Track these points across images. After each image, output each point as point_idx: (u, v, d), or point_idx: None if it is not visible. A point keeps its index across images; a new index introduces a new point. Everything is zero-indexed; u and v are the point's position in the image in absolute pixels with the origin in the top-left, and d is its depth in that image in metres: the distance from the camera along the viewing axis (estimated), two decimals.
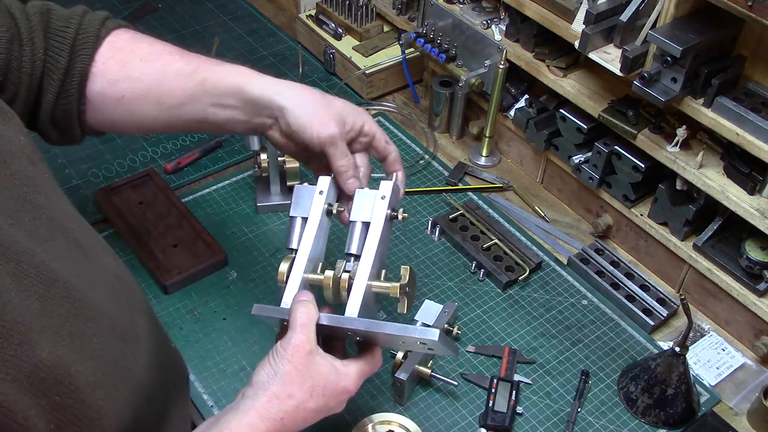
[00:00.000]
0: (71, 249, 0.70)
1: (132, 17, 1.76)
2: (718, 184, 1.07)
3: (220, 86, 0.89)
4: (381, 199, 0.87)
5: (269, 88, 0.88)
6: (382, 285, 0.85)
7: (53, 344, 0.61)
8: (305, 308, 0.79)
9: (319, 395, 0.75)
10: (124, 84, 0.88)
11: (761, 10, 0.87)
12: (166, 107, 0.90)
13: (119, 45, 0.90)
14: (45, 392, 0.59)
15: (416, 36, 1.42)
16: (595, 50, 1.09)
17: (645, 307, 1.17)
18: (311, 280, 0.86)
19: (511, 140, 1.42)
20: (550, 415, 1.05)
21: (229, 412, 0.74)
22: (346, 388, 0.78)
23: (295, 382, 0.74)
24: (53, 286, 0.63)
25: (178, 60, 0.91)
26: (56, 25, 0.87)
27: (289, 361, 0.74)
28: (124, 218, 1.24)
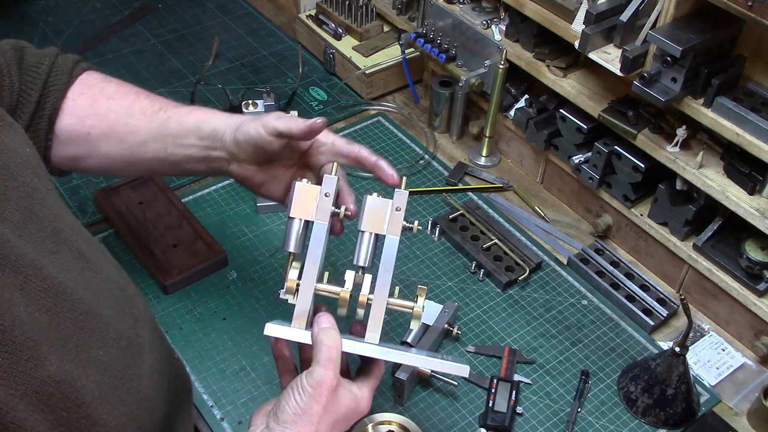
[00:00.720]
0: (76, 261, 0.70)
1: (132, 17, 1.76)
2: (718, 184, 1.07)
3: (182, 125, 0.93)
4: (396, 210, 0.82)
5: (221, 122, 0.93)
6: (401, 304, 0.81)
7: (60, 358, 0.61)
8: (331, 341, 0.77)
9: (341, 426, 0.77)
10: (91, 120, 0.91)
11: (761, 10, 0.87)
12: (129, 145, 0.92)
13: (90, 83, 0.93)
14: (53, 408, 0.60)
15: (416, 36, 1.42)
16: (595, 50, 1.09)
17: (645, 307, 1.17)
18: (324, 290, 0.82)
19: (511, 140, 1.42)
20: (550, 415, 1.05)
21: None
22: (363, 411, 0.80)
23: (322, 420, 0.75)
24: (60, 299, 0.63)
25: (144, 100, 0.94)
26: (30, 62, 0.89)
27: (317, 401, 0.74)
28: (124, 218, 1.24)
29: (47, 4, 1.78)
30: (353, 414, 0.78)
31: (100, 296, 0.71)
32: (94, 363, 0.66)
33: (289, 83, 1.59)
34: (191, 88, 1.54)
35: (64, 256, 0.68)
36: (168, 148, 0.93)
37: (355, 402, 0.78)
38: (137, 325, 0.76)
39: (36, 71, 0.89)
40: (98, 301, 0.70)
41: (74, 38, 1.68)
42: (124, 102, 0.93)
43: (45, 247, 0.66)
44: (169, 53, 1.66)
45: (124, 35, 1.71)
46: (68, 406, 0.61)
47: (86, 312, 0.66)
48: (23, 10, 1.76)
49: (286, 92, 1.56)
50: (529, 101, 1.35)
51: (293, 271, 0.80)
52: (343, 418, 0.77)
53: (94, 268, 0.72)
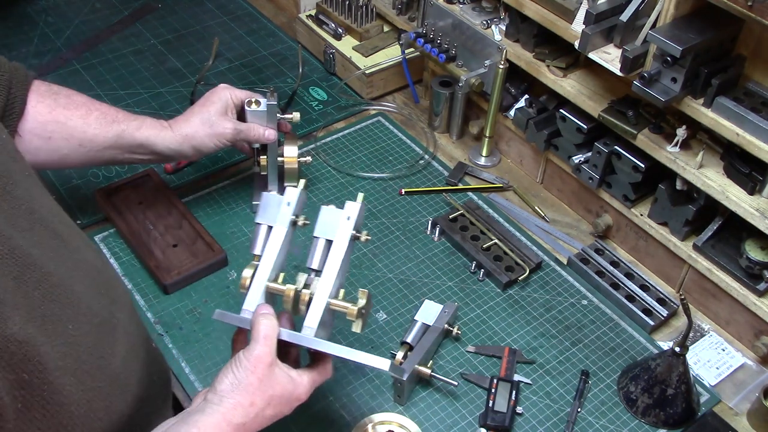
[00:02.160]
0: (51, 239, 0.72)
1: (132, 17, 1.76)
2: (718, 184, 1.07)
3: (136, 140, 1.09)
4: (346, 219, 0.90)
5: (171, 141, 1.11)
6: (340, 304, 0.88)
7: (25, 322, 0.63)
8: (268, 321, 0.83)
9: (276, 404, 0.80)
10: (52, 126, 1.03)
11: (761, 10, 0.87)
12: (87, 150, 1.07)
13: (42, 92, 1.04)
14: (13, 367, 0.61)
15: (416, 36, 1.42)
16: (595, 50, 1.09)
17: (645, 307, 1.17)
18: (273, 288, 0.89)
19: (511, 140, 1.42)
20: (550, 415, 1.05)
21: (194, 414, 0.77)
22: (300, 396, 0.83)
23: (257, 392, 0.78)
24: (29, 269, 0.65)
25: (95, 111, 1.07)
26: None
27: (252, 372, 0.78)
28: (124, 218, 1.24)
29: (47, 4, 1.78)
30: (290, 396, 0.82)
31: (74, 274, 0.73)
32: (62, 334, 0.67)
33: (289, 83, 1.59)
34: (191, 88, 1.54)
35: (39, 234, 0.70)
36: (124, 154, 1.11)
37: (293, 384, 0.82)
38: (112, 306, 0.79)
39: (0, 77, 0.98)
40: (71, 278, 0.72)
41: (74, 38, 1.68)
42: (79, 112, 1.06)
43: (17, 223, 0.68)
44: (169, 53, 1.66)
45: (124, 35, 1.71)
46: (29, 368, 0.63)
47: (57, 285, 0.68)
48: (23, 10, 1.76)
49: (286, 92, 1.56)
50: (529, 101, 1.35)
51: (248, 270, 0.89)
52: (279, 396, 0.80)
53: (70, 248, 0.75)
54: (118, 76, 1.59)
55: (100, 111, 1.08)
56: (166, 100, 1.52)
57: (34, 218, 0.71)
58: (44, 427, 0.65)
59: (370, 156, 1.43)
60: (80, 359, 0.70)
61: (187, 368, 1.07)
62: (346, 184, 1.37)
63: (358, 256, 1.24)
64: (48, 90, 1.05)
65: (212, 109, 1.13)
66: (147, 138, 1.09)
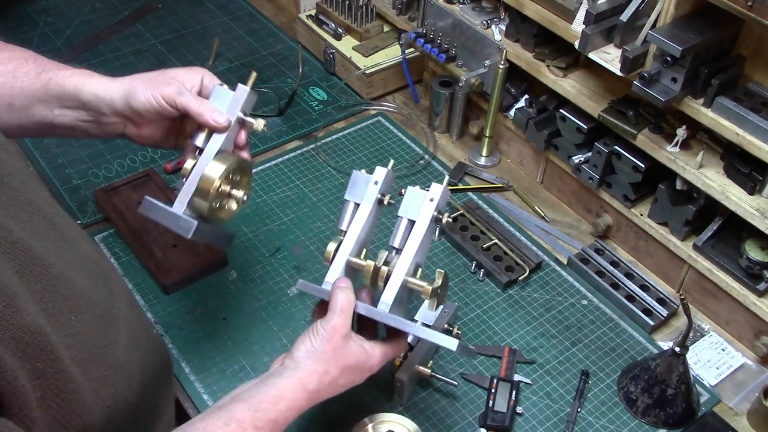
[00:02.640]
0: (50, 230, 0.72)
1: (132, 17, 1.76)
2: (718, 184, 1.07)
3: (63, 88, 0.91)
4: (430, 201, 0.92)
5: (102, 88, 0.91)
6: (416, 282, 0.90)
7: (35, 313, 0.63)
8: (345, 294, 0.86)
9: (349, 373, 0.84)
10: None
11: (761, 10, 0.87)
12: (17, 108, 0.92)
13: None
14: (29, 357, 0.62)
15: (416, 36, 1.42)
16: (595, 50, 1.09)
17: (645, 307, 1.17)
18: (353, 263, 0.91)
19: (511, 140, 1.42)
20: (550, 415, 1.05)
21: (272, 377, 0.81)
22: (372, 367, 0.87)
23: (331, 361, 0.82)
24: (30, 263, 0.65)
25: (30, 63, 0.93)
26: None
27: (328, 341, 0.82)
28: (124, 218, 1.24)
29: (47, 4, 1.78)
30: (362, 367, 0.85)
31: (73, 266, 0.73)
32: (66, 326, 0.68)
33: (289, 83, 1.59)
34: None
35: (38, 225, 0.70)
36: (54, 110, 0.93)
37: (365, 355, 0.85)
38: (112, 296, 0.79)
39: None
40: (71, 270, 0.72)
41: (74, 38, 1.68)
42: (10, 66, 0.92)
43: (17, 215, 0.67)
44: (169, 53, 1.66)
45: (124, 35, 1.71)
46: (43, 358, 0.63)
47: (58, 277, 0.68)
48: (23, 10, 1.76)
49: (286, 92, 1.56)
50: (529, 101, 1.35)
51: (332, 244, 0.91)
52: (353, 366, 0.84)
53: (68, 239, 0.75)
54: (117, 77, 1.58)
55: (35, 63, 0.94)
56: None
57: (32, 209, 0.71)
58: (59, 416, 0.66)
59: (370, 156, 1.43)
60: (84, 349, 0.70)
61: (187, 368, 1.07)
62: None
63: None
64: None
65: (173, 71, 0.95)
66: (76, 85, 0.92)
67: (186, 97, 0.90)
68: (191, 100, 0.90)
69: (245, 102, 0.94)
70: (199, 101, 0.91)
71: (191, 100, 0.90)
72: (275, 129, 1.47)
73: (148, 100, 0.90)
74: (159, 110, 0.90)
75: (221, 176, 0.90)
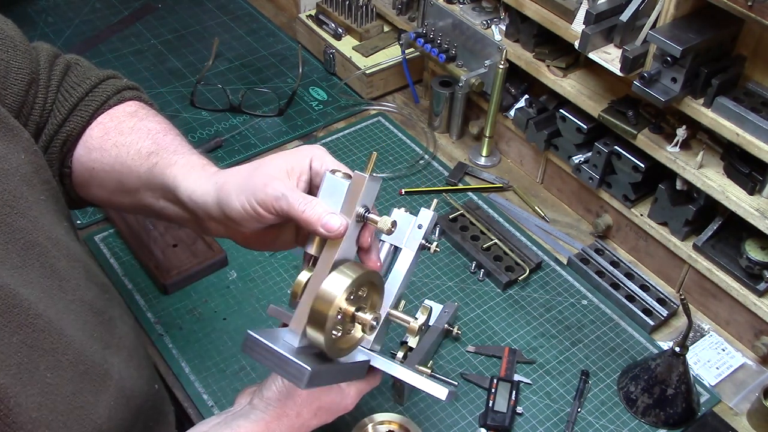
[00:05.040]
0: (45, 278, 0.66)
1: (132, 17, 1.76)
2: (718, 184, 1.07)
3: (165, 179, 0.78)
4: (418, 227, 0.82)
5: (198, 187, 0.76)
6: (401, 317, 0.81)
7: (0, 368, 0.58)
8: None
9: (322, 414, 0.78)
10: (96, 154, 0.81)
11: (761, 10, 0.87)
12: (127, 189, 0.81)
13: (116, 114, 0.82)
14: None
15: (416, 36, 1.42)
16: (595, 50, 1.09)
17: (645, 307, 1.17)
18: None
19: (511, 140, 1.42)
20: (550, 415, 1.05)
21: (238, 418, 0.75)
22: (347, 407, 0.80)
23: (304, 404, 0.76)
24: (12, 312, 0.60)
25: (148, 139, 0.80)
26: (72, 81, 0.81)
27: None
28: (124, 218, 1.24)
29: (47, 4, 1.78)
30: (337, 407, 0.79)
31: (65, 316, 0.66)
32: (38, 384, 0.62)
33: (289, 83, 1.59)
34: (191, 88, 1.54)
35: (32, 272, 0.64)
36: (159, 201, 0.80)
37: (340, 396, 0.79)
38: (106, 350, 0.72)
39: (71, 92, 0.80)
40: (61, 321, 0.65)
41: (74, 38, 1.68)
42: (131, 138, 0.80)
43: (8, 259, 0.62)
44: (169, 53, 1.66)
45: (124, 35, 1.71)
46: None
47: (42, 330, 0.63)
48: (23, 10, 1.76)
49: (286, 92, 1.56)
50: (529, 101, 1.35)
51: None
52: (327, 407, 0.78)
53: (66, 287, 0.68)
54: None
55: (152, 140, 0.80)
56: (166, 100, 1.52)
57: (31, 253, 0.65)
58: None
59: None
60: (57, 410, 0.64)
61: (187, 368, 1.07)
62: None
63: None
64: (127, 114, 0.83)
65: (275, 159, 0.75)
66: (174, 179, 0.77)
67: (286, 202, 0.71)
68: (293, 204, 0.70)
69: (366, 194, 0.72)
70: (304, 203, 0.70)
71: (293, 204, 0.70)
72: (275, 129, 1.47)
73: (243, 207, 0.72)
74: (257, 218, 0.72)
75: (343, 294, 0.69)
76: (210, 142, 1.41)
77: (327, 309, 0.68)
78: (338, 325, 0.71)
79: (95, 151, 0.81)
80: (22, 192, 0.66)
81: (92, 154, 0.81)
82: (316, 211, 0.70)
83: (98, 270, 0.78)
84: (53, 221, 0.70)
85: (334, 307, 0.68)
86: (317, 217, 0.70)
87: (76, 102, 0.80)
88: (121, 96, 0.83)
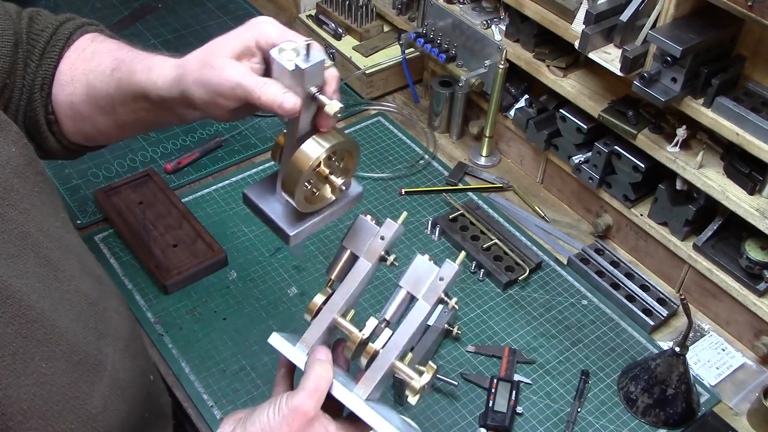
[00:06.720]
0: (40, 268, 0.66)
1: (132, 17, 1.76)
2: (718, 184, 1.07)
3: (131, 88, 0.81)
4: (439, 280, 0.77)
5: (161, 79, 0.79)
6: (406, 372, 0.76)
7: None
8: (323, 371, 0.72)
9: None
10: (69, 87, 0.84)
11: (761, 10, 0.87)
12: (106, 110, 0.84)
13: (79, 45, 0.85)
14: None
15: (416, 36, 1.42)
16: (595, 50, 1.09)
17: (645, 307, 1.17)
18: (340, 325, 0.78)
19: (511, 140, 1.42)
20: (550, 415, 1.05)
21: None
22: None
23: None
24: (5, 304, 0.61)
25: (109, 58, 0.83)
26: (35, 29, 0.84)
27: (288, 425, 0.69)
28: (124, 218, 1.24)
29: (47, 4, 1.78)
30: None
31: (59, 307, 0.67)
32: (33, 374, 0.62)
33: None
34: None
35: (26, 262, 0.65)
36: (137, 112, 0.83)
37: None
38: (100, 341, 0.72)
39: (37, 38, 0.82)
40: (55, 311, 0.66)
41: None
42: (95, 62, 0.83)
43: (4, 250, 0.63)
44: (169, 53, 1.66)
45: (124, 35, 1.70)
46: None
47: (35, 321, 0.63)
48: None
49: None
50: (529, 101, 1.35)
51: (320, 296, 0.78)
52: None
53: (60, 277, 0.68)
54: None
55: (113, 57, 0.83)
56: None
57: (25, 244, 0.65)
58: None
59: (370, 156, 1.43)
60: (51, 400, 0.64)
61: (187, 368, 1.07)
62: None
63: None
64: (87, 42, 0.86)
65: (225, 43, 0.78)
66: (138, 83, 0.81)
67: (242, 89, 0.73)
68: (249, 90, 0.73)
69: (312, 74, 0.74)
70: (258, 86, 0.73)
71: (249, 90, 0.73)
72: (275, 129, 1.47)
73: (203, 98, 0.76)
74: (222, 105, 0.76)
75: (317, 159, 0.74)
76: (210, 142, 1.41)
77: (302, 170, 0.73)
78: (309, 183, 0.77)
79: (68, 85, 0.84)
80: (14, 184, 0.67)
81: (66, 88, 0.84)
82: (270, 92, 0.72)
83: (93, 261, 0.78)
84: (46, 213, 0.71)
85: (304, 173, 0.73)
86: (272, 98, 0.72)
87: (44, 46, 0.83)
88: (84, 30, 0.87)
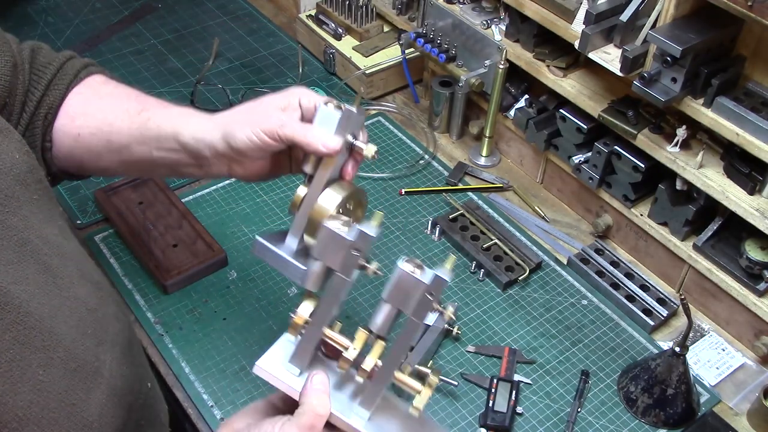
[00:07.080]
0: (39, 275, 0.67)
1: (132, 17, 1.76)
2: (718, 184, 1.07)
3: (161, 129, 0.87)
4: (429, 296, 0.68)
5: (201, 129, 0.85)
6: (410, 383, 0.71)
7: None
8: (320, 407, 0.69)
9: None
10: (80, 120, 0.89)
11: (761, 10, 0.87)
12: (116, 147, 0.88)
13: (91, 85, 0.91)
14: None
15: (416, 36, 1.42)
16: (595, 50, 1.09)
17: (645, 307, 1.17)
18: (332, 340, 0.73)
19: (511, 140, 1.42)
20: (550, 415, 1.05)
21: None
22: None
23: None
24: (4, 310, 0.61)
25: (132, 100, 0.90)
26: (41, 61, 0.88)
27: None
28: (124, 218, 1.24)
29: (47, 4, 1.78)
30: None
31: (58, 313, 0.67)
32: (30, 382, 0.63)
33: (289, 83, 1.59)
34: (191, 88, 1.54)
35: (26, 269, 0.65)
36: (153, 152, 0.88)
37: None
38: (98, 348, 0.72)
39: (43, 71, 0.87)
40: (54, 318, 0.66)
41: (74, 38, 1.68)
42: (111, 101, 0.89)
43: (3, 256, 0.63)
44: (169, 53, 1.66)
45: (124, 35, 1.71)
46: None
47: (33, 327, 0.64)
48: (23, 10, 1.76)
49: None
50: (529, 101, 1.35)
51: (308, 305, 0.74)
52: None
53: (60, 284, 0.69)
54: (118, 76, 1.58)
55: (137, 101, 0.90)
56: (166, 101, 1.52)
57: (24, 250, 0.66)
58: None
59: None
60: (48, 407, 0.64)
61: (187, 368, 1.07)
62: None
63: None
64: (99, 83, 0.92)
65: (268, 99, 0.87)
66: (174, 126, 0.86)
67: (290, 128, 0.81)
68: (296, 129, 0.80)
69: (352, 123, 0.81)
70: (305, 129, 0.80)
71: (296, 129, 0.80)
72: None
73: (249, 138, 0.81)
74: (263, 147, 0.82)
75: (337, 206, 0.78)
76: None
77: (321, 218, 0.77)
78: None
79: (79, 117, 0.89)
80: (15, 191, 0.67)
81: (76, 120, 0.89)
82: (315, 134, 0.80)
83: (93, 268, 0.78)
84: (45, 220, 0.71)
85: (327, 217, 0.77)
86: (318, 138, 0.80)
87: (50, 78, 0.88)
88: (88, 71, 0.93)
